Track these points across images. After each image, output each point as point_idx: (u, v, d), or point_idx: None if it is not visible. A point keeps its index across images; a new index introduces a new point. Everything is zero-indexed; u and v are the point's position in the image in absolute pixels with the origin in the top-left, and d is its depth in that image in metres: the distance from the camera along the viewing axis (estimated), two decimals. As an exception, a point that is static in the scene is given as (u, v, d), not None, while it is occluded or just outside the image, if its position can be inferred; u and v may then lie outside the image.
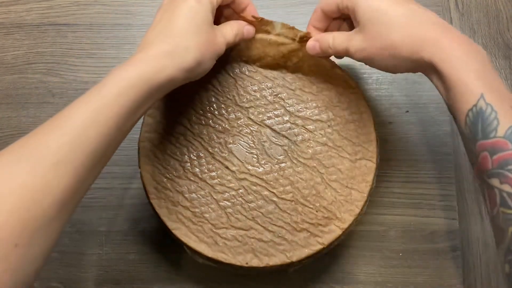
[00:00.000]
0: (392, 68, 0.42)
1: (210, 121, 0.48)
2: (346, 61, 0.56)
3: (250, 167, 0.47)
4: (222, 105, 0.48)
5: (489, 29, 0.58)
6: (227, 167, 0.47)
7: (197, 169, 0.47)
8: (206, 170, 0.47)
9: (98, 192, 0.53)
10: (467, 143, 0.37)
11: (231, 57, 0.49)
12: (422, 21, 0.39)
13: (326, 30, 0.47)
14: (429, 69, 0.39)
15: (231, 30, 0.44)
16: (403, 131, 0.55)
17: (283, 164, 0.47)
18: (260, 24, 0.47)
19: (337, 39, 0.44)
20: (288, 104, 0.49)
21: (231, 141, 0.48)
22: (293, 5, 0.59)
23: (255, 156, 0.47)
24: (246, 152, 0.47)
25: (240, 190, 0.46)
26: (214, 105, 0.48)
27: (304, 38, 0.47)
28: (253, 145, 0.48)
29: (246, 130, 0.48)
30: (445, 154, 0.54)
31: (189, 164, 0.47)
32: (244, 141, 0.48)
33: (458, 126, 0.38)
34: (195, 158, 0.47)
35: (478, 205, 0.53)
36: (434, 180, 0.53)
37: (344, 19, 0.46)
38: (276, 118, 0.48)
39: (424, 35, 0.38)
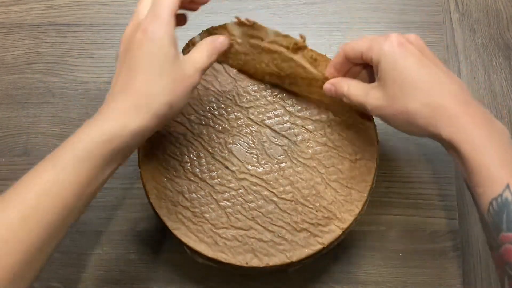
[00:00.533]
0: (407, 132, 0.40)
1: (210, 121, 0.48)
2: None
3: (250, 167, 0.47)
4: (222, 105, 0.48)
5: (489, 29, 0.58)
6: (227, 167, 0.47)
7: (197, 169, 0.47)
8: (206, 170, 0.47)
9: (98, 192, 0.53)
10: (487, 229, 0.36)
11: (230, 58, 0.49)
12: (444, 90, 0.37)
13: (346, 73, 0.44)
14: (448, 145, 0.37)
15: (201, 54, 0.41)
16: (403, 131, 0.55)
17: (283, 164, 0.47)
18: (253, 29, 0.45)
19: (352, 89, 0.41)
20: (288, 104, 0.49)
21: (231, 141, 0.48)
22: (293, 5, 0.59)
23: (255, 156, 0.47)
24: (246, 152, 0.47)
25: (240, 190, 0.46)
26: (214, 105, 0.49)
27: (298, 45, 0.44)
28: (253, 145, 0.48)
29: (246, 130, 0.48)
30: (445, 154, 0.53)
31: (189, 164, 0.47)
32: (244, 141, 0.48)
33: (478, 209, 0.36)
34: (195, 158, 0.47)
35: (478, 205, 0.53)
36: (434, 180, 0.53)
37: (364, 67, 0.43)
38: (276, 118, 0.48)
39: (443, 108, 0.36)
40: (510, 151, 0.35)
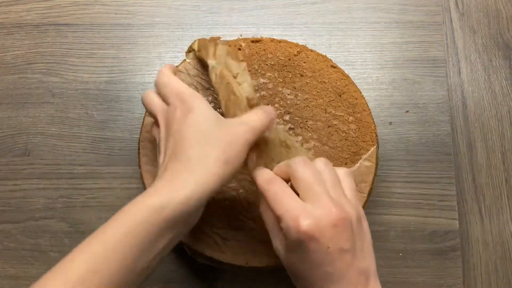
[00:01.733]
0: None
1: (210, 121, 0.48)
2: (347, 59, 0.56)
3: (250, 167, 0.47)
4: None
5: (489, 29, 0.58)
6: (227, 167, 0.47)
7: (197, 169, 0.47)
8: (206, 170, 0.47)
9: (98, 192, 0.53)
10: None
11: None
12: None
13: None
14: None
15: (257, 117, 0.39)
16: (403, 131, 0.55)
17: (283, 164, 0.47)
18: (236, 59, 0.43)
19: (266, 215, 0.39)
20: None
21: (231, 141, 0.48)
22: (293, 5, 0.59)
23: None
24: (246, 152, 0.47)
25: (240, 191, 0.46)
26: (214, 105, 0.48)
27: (251, 102, 0.42)
28: (253, 145, 0.48)
29: (246, 130, 0.48)
30: (445, 154, 0.54)
31: (189, 164, 0.47)
32: (244, 141, 0.48)
33: None
34: (195, 158, 0.47)
35: (478, 205, 0.53)
36: (434, 180, 0.53)
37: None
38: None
39: None
40: None
